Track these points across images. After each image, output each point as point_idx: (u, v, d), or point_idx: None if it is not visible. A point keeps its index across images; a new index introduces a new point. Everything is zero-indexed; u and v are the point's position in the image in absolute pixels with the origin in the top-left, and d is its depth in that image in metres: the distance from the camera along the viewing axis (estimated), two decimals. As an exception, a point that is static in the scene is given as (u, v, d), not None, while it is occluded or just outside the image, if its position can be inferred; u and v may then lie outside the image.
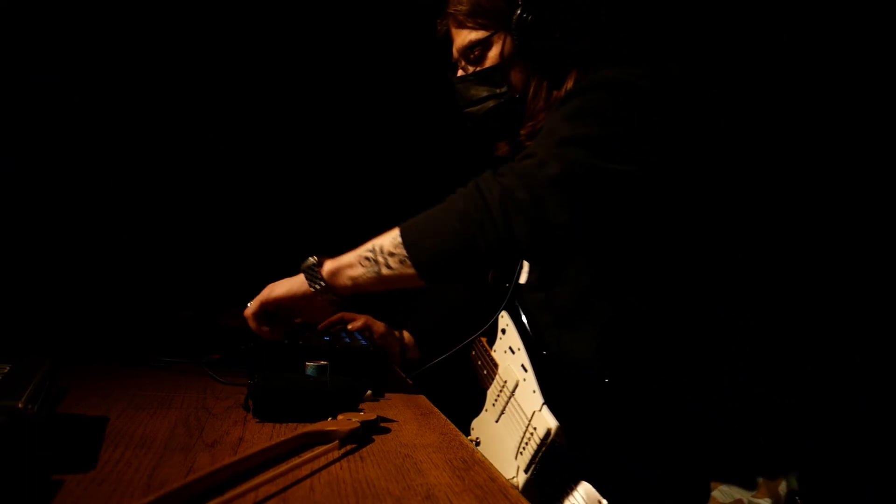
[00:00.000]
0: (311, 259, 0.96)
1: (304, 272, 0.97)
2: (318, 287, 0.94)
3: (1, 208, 1.61)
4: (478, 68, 1.10)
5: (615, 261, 1.02)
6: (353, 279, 0.93)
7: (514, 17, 1.02)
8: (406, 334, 1.43)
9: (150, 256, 1.82)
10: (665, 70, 0.99)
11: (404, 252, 0.89)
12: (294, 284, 0.97)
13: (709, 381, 1.03)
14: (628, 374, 0.99)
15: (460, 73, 1.14)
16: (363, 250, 0.94)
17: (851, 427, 1.72)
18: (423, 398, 1.02)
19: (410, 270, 0.89)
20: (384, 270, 0.90)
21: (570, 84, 1.04)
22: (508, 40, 1.06)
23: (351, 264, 0.94)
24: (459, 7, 1.08)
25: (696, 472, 0.95)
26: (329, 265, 0.95)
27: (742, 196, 1.77)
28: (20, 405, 0.52)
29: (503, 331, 1.20)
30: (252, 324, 1.02)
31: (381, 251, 0.91)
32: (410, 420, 0.85)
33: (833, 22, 1.75)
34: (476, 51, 1.08)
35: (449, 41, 1.15)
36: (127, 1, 1.75)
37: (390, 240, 0.91)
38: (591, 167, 0.86)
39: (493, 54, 1.08)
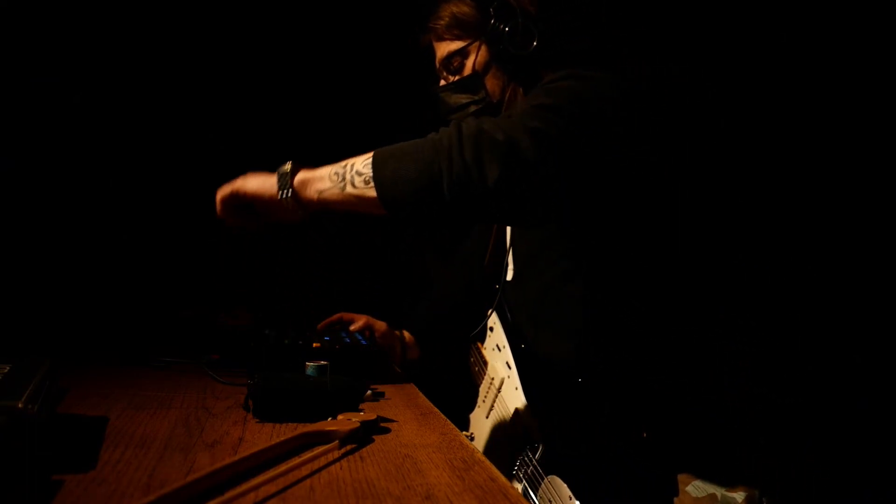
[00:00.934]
0: (287, 165, 0.94)
1: (277, 176, 0.94)
2: (284, 195, 0.92)
3: (1, 208, 1.61)
4: (457, 77, 1.15)
5: (591, 258, 1.04)
6: (319, 192, 0.91)
7: (489, 27, 1.08)
8: (406, 334, 1.44)
9: (150, 257, 1.82)
10: (633, 71, 1.02)
11: (370, 172, 0.86)
12: (265, 185, 0.94)
13: (708, 380, 1.04)
14: (602, 371, 1.00)
15: (442, 82, 1.19)
16: (337, 165, 0.91)
17: (851, 427, 1.72)
18: (423, 398, 1.02)
19: (373, 192, 0.86)
20: (348, 188, 0.88)
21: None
22: (484, 49, 1.11)
23: (321, 177, 0.91)
24: (439, 22, 1.14)
25: (669, 466, 0.96)
26: (301, 175, 0.93)
27: (741, 195, 1.78)
28: (20, 405, 0.52)
29: (491, 329, 1.22)
30: (219, 208, 0.99)
31: (352, 168, 0.89)
32: (410, 420, 0.85)
33: (832, 21, 1.75)
34: (455, 60, 1.14)
35: (432, 55, 1.19)
36: (127, 1, 1.75)
37: (363, 158, 0.89)
38: (569, 131, 0.87)
39: (471, 63, 1.13)
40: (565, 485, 0.90)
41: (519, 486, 1.01)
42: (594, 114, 0.91)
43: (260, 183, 0.95)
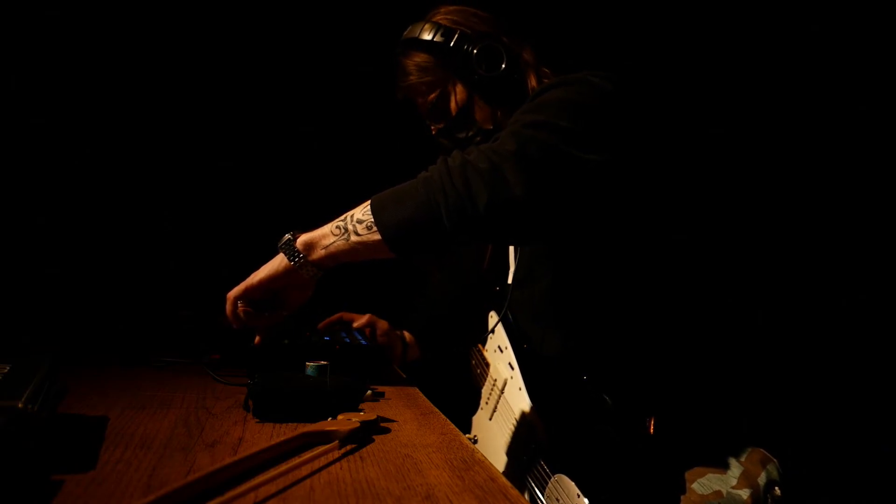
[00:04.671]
0: (286, 235, 0.96)
1: (281, 249, 0.95)
2: (297, 261, 0.93)
3: (1, 208, 1.61)
4: (445, 121, 1.17)
5: (576, 258, 1.05)
6: (326, 248, 0.92)
7: (453, 63, 1.11)
8: (407, 334, 1.44)
9: (150, 256, 1.82)
10: (626, 74, 1.02)
11: (371, 218, 0.89)
12: (274, 263, 0.96)
13: (714, 377, 1.05)
14: (607, 369, 1.00)
15: (433, 130, 1.21)
16: (337, 220, 0.94)
17: (854, 425, 1.72)
18: (423, 398, 1.02)
19: (377, 236, 0.88)
20: (353, 237, 0.90)
21: (530, 92, 1.10)
22: (459, 85, 1.14)
23: (324, 235, 0.93)
24: (409, 79, 1.17)
25: (677, 463, 0.96)
26: (303, 238, 0.94)
27: (741, 190, 1.78)
28: (20, 405, 0.52)
29: (492, 331, 1.22)
30: (229, 308, 0.98)
31: (352, 218, 0.91)
32: (410, 420, 0.85)
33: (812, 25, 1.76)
34: (438, 107, 1.16)
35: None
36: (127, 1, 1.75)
37: (361, 207, 0.92)
38: (549, 147, 0.87)
39: (453, 104, 1.15)
40: (573, 483, 0.90)
41: (525, 488, 1.01)
42: (579, 119, 0.91)
43: (269, 266, 0.96)
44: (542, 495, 0.96)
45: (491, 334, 1.22)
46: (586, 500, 0.87)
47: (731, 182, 1.87)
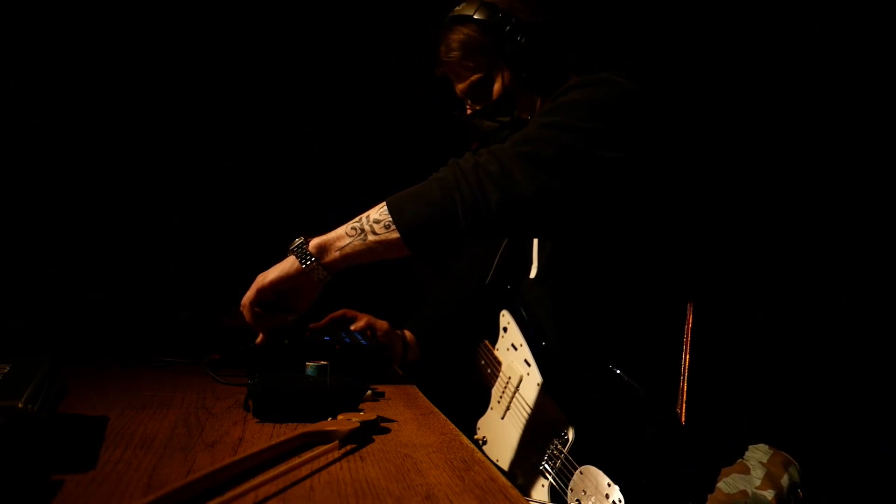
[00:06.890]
0: (297, 239, 0.97)
1: (292, 252, 0.96)
2: (308, 264, 0.95)
3: (1, 208, 1.61)
4: (485, 103, 1.16)
5: (592, 254, 1.06)
6: (341, 250, 0.94)
7: (506, 49, 1.09)
8: (408, 334, 1.43)
9: (150, 257, 1.82)
10: (647, 73, 1.03)
11: (389, 217, 0.91)
12: (285, 266, 0.97)
13: (732, 373, 1.06)
14: (633, 360, 1.00)
15: (469, 110, 1.20)
16: (350, 222, 0.96)
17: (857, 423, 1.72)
18: (423, 398, 1.02)
19: (395, 235, 0.91)
20: (370, 237, 0.92)
21: None
22: (507, 71, 1.12)
23: (339, 237, 0.95)
24: (452, 55, 1.14)
25: (702, 459, 0.96)
26: (316, 241, 0.96)
27: (746, 191, 1.78)
28: (20, 405, 0.52)
29: (504, 329, 1.22)
30: (248, 315, 1.00)
31: (368, 219, 0.94)
32: (410, 420, 0.85)
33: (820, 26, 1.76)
34: (481, 88, 1.15)
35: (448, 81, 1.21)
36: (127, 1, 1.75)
37: (376, 208, 0.94)
38: (563, 147, 0.89)
39: (497, 88, 1.14)
40: (601, 472, 0.90)
41: (546, 483, 1.01)
42: (597, 119, 0.92)
43: (280, 269, 0.98)
44: (567, 488, 0.96)
45: (503, 332, 1.22)
46: (617, 488, 0.87)
47: (732, 182, 1.87)
